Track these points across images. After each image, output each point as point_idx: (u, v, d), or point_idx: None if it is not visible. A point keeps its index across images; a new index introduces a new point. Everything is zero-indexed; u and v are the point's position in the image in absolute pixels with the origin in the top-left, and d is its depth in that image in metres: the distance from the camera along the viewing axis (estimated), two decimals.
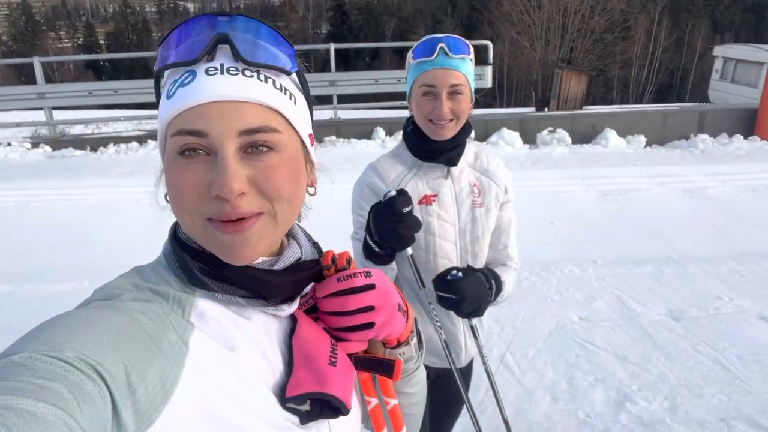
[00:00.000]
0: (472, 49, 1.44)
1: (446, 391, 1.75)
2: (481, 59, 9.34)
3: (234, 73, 0.58)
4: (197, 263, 0.62)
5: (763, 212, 5.65)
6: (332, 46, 9.10)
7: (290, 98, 0.63)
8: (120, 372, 0.48)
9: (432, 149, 1.49)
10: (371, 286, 0.71)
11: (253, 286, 0.62)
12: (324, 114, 9.65)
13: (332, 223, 2.28)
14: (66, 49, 74.21)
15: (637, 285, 4.07)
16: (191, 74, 0.58)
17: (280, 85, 0.62)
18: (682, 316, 3.61)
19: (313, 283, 0.74)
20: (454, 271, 1.41)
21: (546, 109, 11.76)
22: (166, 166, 0.60)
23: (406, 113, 1.61)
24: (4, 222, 5.81)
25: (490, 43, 9.24)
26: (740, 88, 14.26)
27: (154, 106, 0.67)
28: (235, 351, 0.60)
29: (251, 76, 0.59)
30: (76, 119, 11.19)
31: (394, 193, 1.31)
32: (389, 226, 1.30)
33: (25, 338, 0.49)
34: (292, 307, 0.68)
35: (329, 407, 0.65)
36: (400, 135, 1.60)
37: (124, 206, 6.06)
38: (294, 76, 0.65)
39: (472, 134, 1.60)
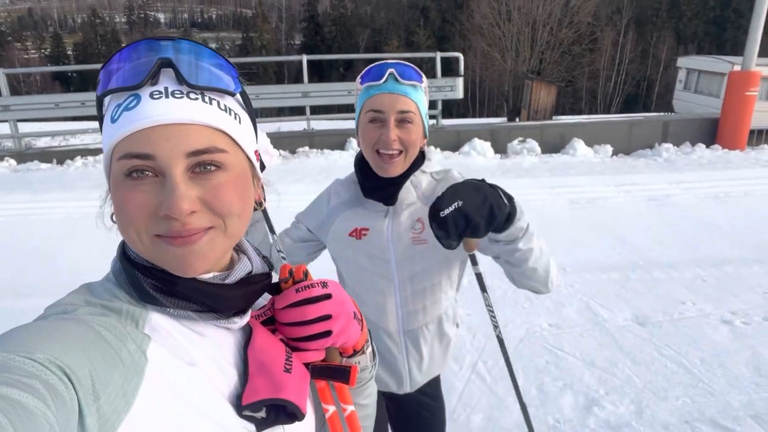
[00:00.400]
0: (425, 79, 1.35)
1: (410, 413, 1.69)
2: (452, 71, 9.48)
3: (179, 96, 0.59)
4: (149, 280, 0.62)
5: (724, 219, 5.83)
6: (305, 58, 9.12)
7: (235, 118, 0.64)
8: (86, 377, 0.49)
9: (370, 186, 1.40)
10: (328, 296, 0.72)
11: (206, 300, 0.63)
12: (297, 125, 9.63)
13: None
14: (32, 60, 72.81)
15: (604, 291, 4.16)
16: (135, 98, 0.59)
17: (225, 105, 0.63)
18: (647, 320, 3.70)
19: (270, 296, 0.75)
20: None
21: (517, 120, 11.96)
22: (114, 188, 0.61)
23: None
24: None
25: (461, 55, 9.40)
26: (703, 98, 14.67)
27: None
28: (190, 362, 0.61)
29: (196, 99, 0.60)
30: (42, 131, 10.95)
31: None
32: None
33: None
34: (243, 320, 0.69)
35: (285, 413, 0.66)
36: None
37: (92, 220, 5.92)
38: (238, 96, 0.66)
39: (433, 165, 1.49)
